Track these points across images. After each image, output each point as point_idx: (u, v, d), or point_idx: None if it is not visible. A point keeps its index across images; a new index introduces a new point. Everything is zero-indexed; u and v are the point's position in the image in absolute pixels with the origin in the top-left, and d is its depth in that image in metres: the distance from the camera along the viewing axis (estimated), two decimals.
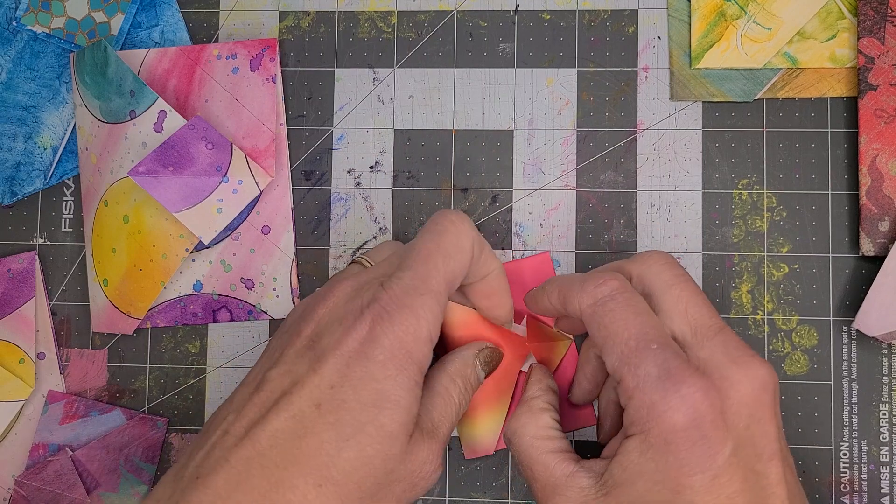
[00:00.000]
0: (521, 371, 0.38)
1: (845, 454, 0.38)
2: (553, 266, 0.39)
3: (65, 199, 0.42)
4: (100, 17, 0.42)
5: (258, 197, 0.41)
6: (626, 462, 0.30)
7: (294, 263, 0.41)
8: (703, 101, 0.40)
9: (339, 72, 0.41)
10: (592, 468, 0.31)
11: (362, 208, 0.41)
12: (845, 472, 0.38)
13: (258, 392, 0.31)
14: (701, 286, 0.39)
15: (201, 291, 0.41)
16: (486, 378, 0.36)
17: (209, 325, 0.41)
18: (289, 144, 0.41)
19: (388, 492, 0.31)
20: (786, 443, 0.31)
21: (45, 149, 0.42)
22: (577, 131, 0.40)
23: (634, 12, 0.40)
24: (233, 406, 0.31)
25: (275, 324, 0.41)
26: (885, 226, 0.38)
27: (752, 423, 0.30)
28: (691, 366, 0.30)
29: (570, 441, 0.39)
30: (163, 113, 0.39)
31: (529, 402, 0.35)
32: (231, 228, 0.41)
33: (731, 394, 0.29)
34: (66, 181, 0.42)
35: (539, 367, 0.37)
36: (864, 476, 0.38)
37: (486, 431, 0.38)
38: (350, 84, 0.41)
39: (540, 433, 0.33)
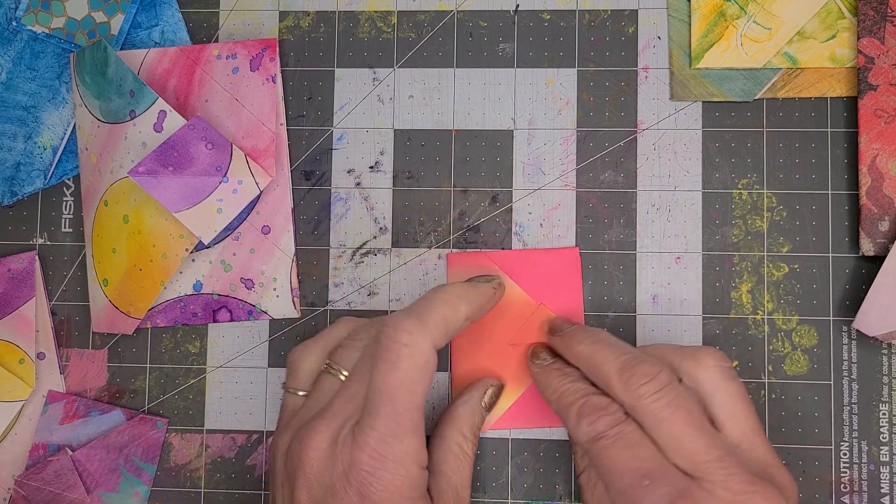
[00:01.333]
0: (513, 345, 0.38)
1: (845, 454, 0.38)
2: (580, 264, 0.39)
3: (65, 199, 0.42)
4: (100, 17, 0.42)
5: (258, 197, 0.41)
6: None
7: (294, 263, 0.41)
8: (703, 101, 0.40)
9: (339, 72, 0.41)
10: None
11: (362, 208, 0.41)
12: (845, 472, 0.38)
13: None
14: (701, 286, 0.39)
15: (201, 291, 0.41)
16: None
17: (209, 325, 0.41)
18: (289, 144, 0.41)
19: None
20: None
21: (45, 149, 0.42)
22: (577, 131, 0.40)
23: (634, 12, 0.40)
24: None
25: (275, 324, 0.41)
26: (885, 226, 0.38)
27: None
28: (685, 497, 0.30)
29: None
30: (163, 113, 0.39)
31: None
32: (231, 228, 0.41)
33: None
34: (66, 181, 0.42)
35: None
36: (864, 476, 0.38)
37: None
38: (350, 84, 0.41)
39: None
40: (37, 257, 0.42)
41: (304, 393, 0.36)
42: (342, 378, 0.35)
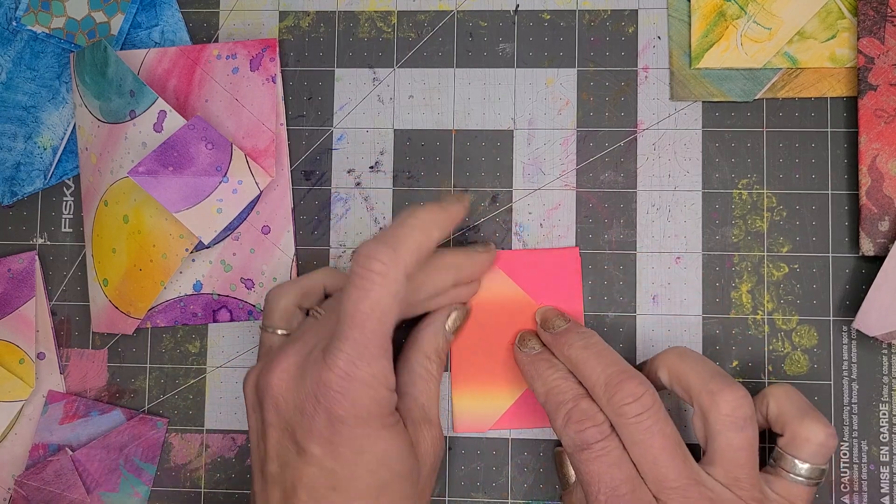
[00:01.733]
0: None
1: (845, 454, 0.38)
2: (580, 264, 0.39)
3: (65, 199, 0.42)
4: (100, 17, 0.42)
5: (258, 197, 0.41)
6: None
7: (294, 263, 0.41)
8: (703, 101, 0.40)
9: (339, 72, 0.41)
10: None
11: (362, 208, 0.41)
12: (845, 472, 0.38)
13: (270, 486, 0.33)
14: (701, 286, 0.39)
15: (201, 291, 0.41)
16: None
17: (209, 325, 0.41)
18: (289, 144, 0.41)
19: (426, 486, 0.35)
20: None
21: (45, 149, 0.42)
22: (577, 131, 0.40)
23: (634, 12, 0.40)
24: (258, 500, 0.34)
25: None
26: (885, 226, 0.38)
27: None
28: None
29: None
30: (163, 113, 0.39)
31: None
32: (231, 228, 0.41)
33: None
34: (66, 181, 0.42)
35: None
36: (864, 476, 0.38)
37: (486, 408, 0.39)
38: (350, 84, 0.41)
39: None
40: (37, 257, 0.42)
41: (281, 331, 0.37)
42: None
